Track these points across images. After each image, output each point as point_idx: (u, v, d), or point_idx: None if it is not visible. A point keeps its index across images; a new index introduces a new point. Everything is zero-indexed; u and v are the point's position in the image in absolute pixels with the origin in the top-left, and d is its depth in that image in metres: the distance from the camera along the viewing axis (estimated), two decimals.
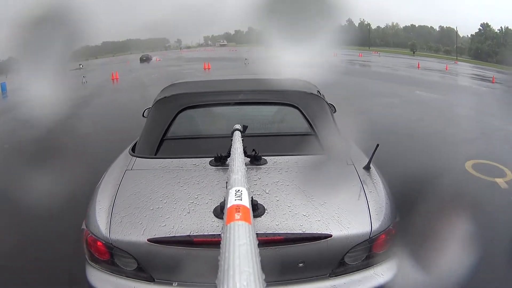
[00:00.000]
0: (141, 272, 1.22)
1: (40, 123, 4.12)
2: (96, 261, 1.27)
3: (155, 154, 1.67)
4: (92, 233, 1.26)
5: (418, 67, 19.64)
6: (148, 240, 1.16)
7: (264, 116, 1.93)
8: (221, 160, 1.50)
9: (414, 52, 42.58)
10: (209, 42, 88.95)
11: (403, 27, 61.64)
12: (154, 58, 37.26)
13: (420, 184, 2.57)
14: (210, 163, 1.52)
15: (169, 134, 1.73)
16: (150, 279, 1.21)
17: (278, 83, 1.93)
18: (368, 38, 59.19)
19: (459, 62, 32.38)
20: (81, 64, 36.08)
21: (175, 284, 1.19)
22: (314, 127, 1.72)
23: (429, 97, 8.73)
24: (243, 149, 1.28)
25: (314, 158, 1.61)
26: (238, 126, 1.48)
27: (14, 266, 2.01)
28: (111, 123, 6.20)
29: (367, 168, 1.52)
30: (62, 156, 3.68)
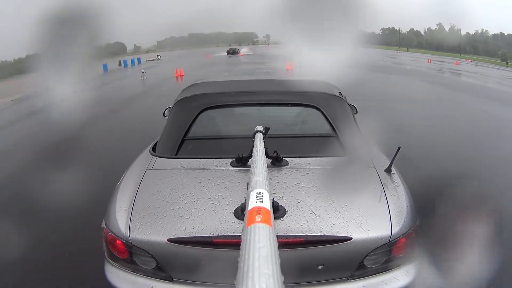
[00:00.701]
0: (160, 271, 1.23)
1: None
2: (115, 259, 1.29)
3: (176, 154, 1.68)
4: (112, 232, 1.27)
5: None
6: (168, 240, 1.17)
7: (286, 117, 1.92)
8: (242, 161, 1.50)
9: (507, 63, 38.15)
10: None
11: (492, 34, 58.97)
12: (242, 50, 39.30)
13: None
14: (231, 164, 1.53)
15: (190, 134, 1.75)
16: (169, 279, 1.23)
17: (300, 84, 1.91)
18: (459, 45, 56.46)
19: None
20: (159, 55, 37.92)
21: None
22: (335, 128, 1.71)
23: None
24: (265, 150, 1.27)
25: (335, 160, 1.59)
26: (259, 128, 1.48)
27: None
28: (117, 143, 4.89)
29: (388, 171, 1.50)
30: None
